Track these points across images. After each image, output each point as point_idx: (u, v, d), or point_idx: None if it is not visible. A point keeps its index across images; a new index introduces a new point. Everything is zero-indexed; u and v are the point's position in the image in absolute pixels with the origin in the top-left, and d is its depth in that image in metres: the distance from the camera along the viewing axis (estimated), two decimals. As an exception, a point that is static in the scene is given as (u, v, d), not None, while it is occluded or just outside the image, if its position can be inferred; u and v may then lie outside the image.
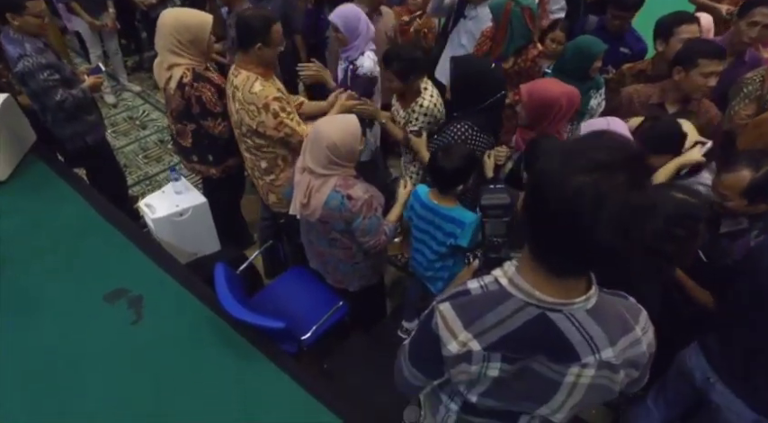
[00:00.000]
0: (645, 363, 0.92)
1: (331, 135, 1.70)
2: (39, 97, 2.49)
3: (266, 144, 2.14)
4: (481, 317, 0.86)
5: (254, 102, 2.00)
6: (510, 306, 0.85)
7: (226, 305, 1.84)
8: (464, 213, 1.83)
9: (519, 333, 0.85)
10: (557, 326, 0.84)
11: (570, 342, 0.85)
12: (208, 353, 1.92)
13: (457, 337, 0.88)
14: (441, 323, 0.90)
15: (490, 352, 0.87)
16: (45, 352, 1.89)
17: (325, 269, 2.10)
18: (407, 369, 1.05)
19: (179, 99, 2.23)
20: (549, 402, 0.96)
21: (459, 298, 0.91)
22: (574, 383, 0.90)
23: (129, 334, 1.97)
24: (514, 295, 0.85)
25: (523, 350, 0.87)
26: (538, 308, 0.84)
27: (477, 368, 0.90)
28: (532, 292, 0.83)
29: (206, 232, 2.62)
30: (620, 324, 0.88)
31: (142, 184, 3.60)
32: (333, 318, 2.15)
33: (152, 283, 2.18)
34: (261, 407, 1.76)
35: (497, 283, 0.88)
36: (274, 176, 2.25)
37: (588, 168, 0.70)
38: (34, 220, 2.45)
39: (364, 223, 1.79)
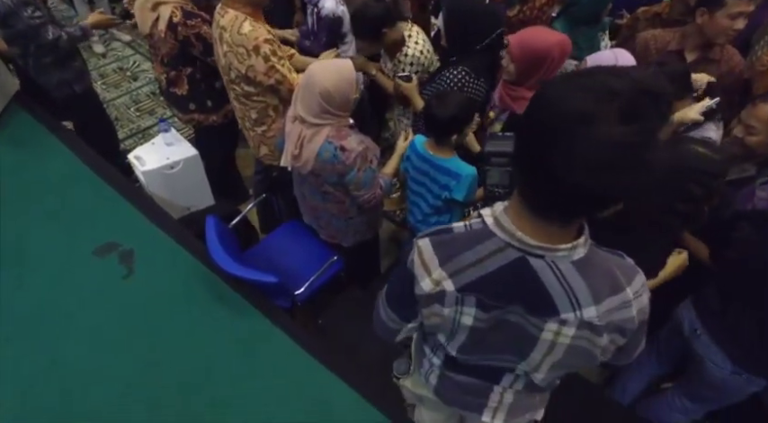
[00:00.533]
0: (634, 330, 0.85)
1: (324, 81, 1.59)
2: (27, 38, 2.32)
3: (256, 92, 2.01)
4: (458, 255, 0.82)
5: (243, 43, 1.86)
6: (490, 246, 0.81)
7: (216, 258, 1.79)
8: (460, 165, 1.75)
9: (496, 276, 0.80)
10: (536, 273, 0.79)
11: (549, 293, 0.79)
12: (201, 308, 1.90)
13: (431, 275, 0.84)
14: (417, 259, 0.86)
15: (464, 294, 0.83)
16: (35, 305, 1.87)
17: (319, 224, 2.04)
18: (384, 310, 1.03)
19: (172, 41, 2.10)
20: (527, 359, 0.92)
21: (441, 235, 0.86)
22: (552, 342, 0.86)
23: (121, 288, 1.94)
24: (496, 235, 0.80)
25: (499, 297, 0.83)
26: (519, 250, 0.79)
27: (450, 311, 0.86)
28: (514, 232, 0.78)
29: (198, 186, 2.56)
30: (608, 282, 0.81)
31: (135, 138, 3.51)
32: (327, 273, 2.11)
33: (143, 238, 2.13)
34: (254, 361, 1.75)
35: (482, 222, 0.83)
36: (266, 127, 2.14)
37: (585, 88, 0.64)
38: (20, 174, 2.39)
39: (358, 176, 1.71)
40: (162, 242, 2.12)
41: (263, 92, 2.02)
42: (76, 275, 1.97)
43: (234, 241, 2.11)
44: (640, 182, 0.65)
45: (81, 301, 1.89)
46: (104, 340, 1.77)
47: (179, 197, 2.52)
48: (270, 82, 1.94)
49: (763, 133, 1.56)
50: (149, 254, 2.07)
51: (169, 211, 2.38)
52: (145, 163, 2.38)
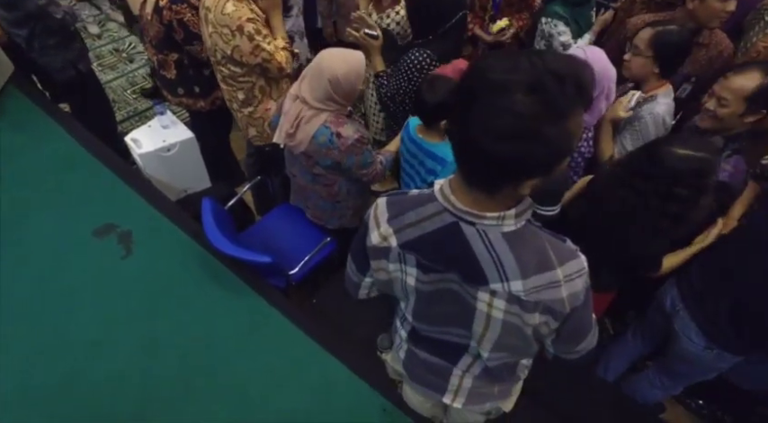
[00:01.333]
0: (565, 314, 0.88)
1: (335, 68, 1.61)
2: (36, 19, 2.32)
3: (242, 72, 2.02)
4: (404, 213, 0.90)
5: (226, 24, 1.86)
6: (430, 208, 0.87)
7: (211, 239, 1.84)
8: (447, 151, 1.78)
9: (432, 237, 0.87)
10: (467, 239, 0.84)
11: (478, 261, 0.85)
12: (198, 287, 1.94)
13: (379, 228, 0.92)
14: (372, 213, 0.94)
15: (405, 252, 0.91)
16: (36, 283, 1.92)
17: (306, 204, 2.08)
18: (348, 263, 1.11)
19: (158, 25, 2.10)
20: (471, 332, 0.98)
21: (398, 195, 0.94)
22: (488, 314, 0.91)
23: (120, 268, 1.99)
24: (438, 199, 0.86)
25: (436, 260, 0.89)
26: (453, 216, 0.84)
27: (394, 268, 0.94)
28: (449, 196, 0.84)
29: (195, 168, 2.59)
30: (537, 258, 0.84)
31: (132, 120, 3.52)
32: (321, 253, 2.16)
33: (141, 219, 2.17)
34: (250, 339, 1.81)
35: (431, 189, 0.90)
36: (252, 108, 2.15)
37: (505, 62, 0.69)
38: (18, 156, 2.40)
39: (358, 160, 1.75)
40: (159, 224, 2.16)
41: (250, 72, 2.02)
42: (76, 255, 2.02)
43: (230, 223, 2.15)
44: (538, 153, 0.69)
45: (81, 280, 1.94)
46: (104, 318, 1.83)
47: (176, 179, 2.56)
48: (257, 61, 1.94)
49: (734, 105, 1.58)
50: (147, 235, 2.11)
51: (166, 193, 2.42)
52: (141, 145, 2.40)
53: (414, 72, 1.93)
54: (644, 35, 1.68)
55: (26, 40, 2.43)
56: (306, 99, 1.68)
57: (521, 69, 0.67)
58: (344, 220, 2.08)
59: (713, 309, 1.62)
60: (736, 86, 1.56)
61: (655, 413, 2.17)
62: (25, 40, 2.43)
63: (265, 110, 2.16)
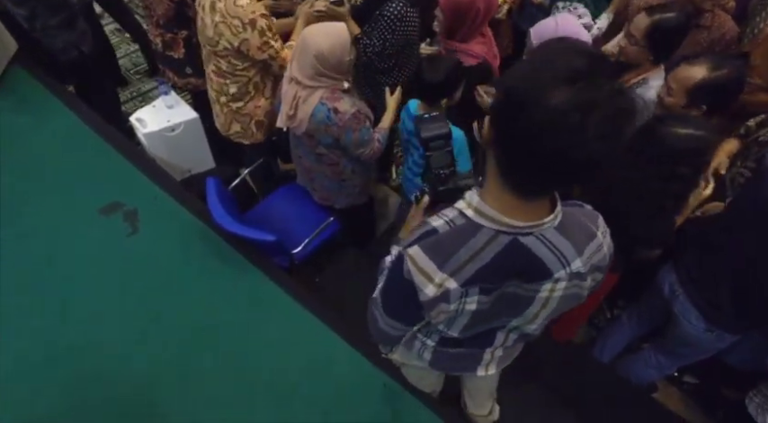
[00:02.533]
0: (607, 264, 0.94)
1: (319, 44, 1.62)
2: (30, 1, 2.30)
3: (243, 66, 2.01)
4: (454, 254, 0.83)
5: (239, 16, 1.84)
6: (481, 238, 0.83)
7: (216, 217, 1.87)
8: None
9: (493, 263, 0.83)
10: (529, 249, 0.83)
11: (543, 261, 0.85)
12: (202, 265, 1.98)
13: (433, 280, 0.85)
14: (413, 268, 0.85)
15: (468, 287, 0.85)
16: (45, 257, 1.96)
17: (312, 186, 2.10)
18: (383, 321, 1.01)
19: (167, 2, 2.09)
20: (522, 315, 0.98)
21: (427, 239, 0.86)
22: (547, 297, 0.93)
23: (126, 245, 2.03)
24: (484, 226, 0.82)
25: (498, 279, 0.87)
26: (508, 234, 0.82)
27: (455, 305, 0.89)
28: (501, 218, 0.80)
29: (199, 148, 2.61)
30: (584, 233, 0.89)
31: (135, 101, 3.52)
32: (324, 233, 2.19)
33: (146, 198, 2.20)
34: (253, 315, 1.85)
35: (463, 216, 0.85)
36: (242, 104, 2.14)
37: (568, 79, 0.65)
38: (24, 136, 2.43)
39: (356, 136, 1.76)
40: (164, 202, 2.19)
41: (250, 67, 2.01)
42: (83, 232, 2.05)
43: (233, 203, 2.18)
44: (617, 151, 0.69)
45: (88, 256, 1.98)
46: (111, 293, 1.87)
47: (180, 159, 2.58)
48: (263, 56, 1.94)
49: (678, 95, 1.57)
50: (152, 214, 2.14)
51: (171, 173, 2.44)
52: (146, 125, 2.42)
53: (395, 22, 1.96)
54: (640, 24, 1.64)
55: (27, 19, 2.41)
56: (298, 79, 1.69)
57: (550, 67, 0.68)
58: (352, 198, 2.10)
59: (713, 292, 1.63)
60: (682, 77, 1.54)
61: (648, 393, 2.22)
62: (26, 19, 2.42)
63: (255, 107, 2.15)
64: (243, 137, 2.26)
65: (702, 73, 1.51)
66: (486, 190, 0.83)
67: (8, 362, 1.67)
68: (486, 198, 0.82)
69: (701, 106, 1.57)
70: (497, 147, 0.77)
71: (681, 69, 1.57)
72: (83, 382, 1.64)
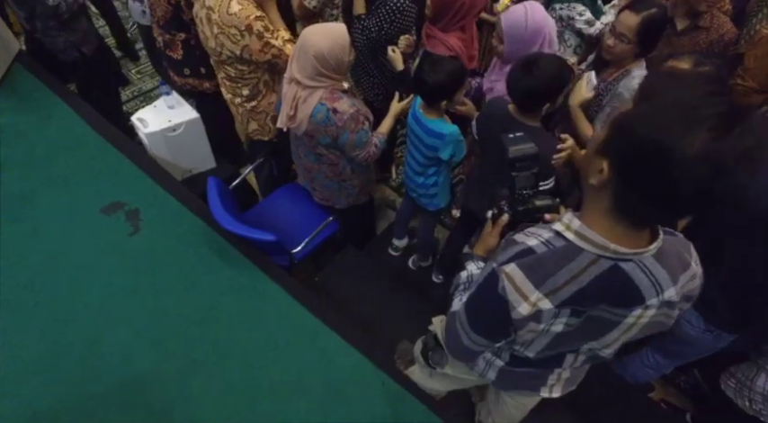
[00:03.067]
0: (697, 295, 0.95)
1: (319, 44, 1.63)
2: (29, 3, 2.33)
3: (249, 70, 2.02)
4: (553, 275, 0.84)
5: (234, 24, 1.84)
6: (582, 261, 0.83)
7: (217, 216, 1.89)
8: (443, 125, 1.83)
9: (591, 287, 0.83)
10: (628, 275, 0.83)
11: (639, 288, 0.84)
12: (203, 264, 2.00)
13: (528, 299, 0.85)
14: (509, 286, 0.86)
15: (561, 308, 0.86)
16: (48, 256, 1.97)
17: (312, 186, 2.12)
18: (467, 337, 1.01)
19: (165, 5, 2.11)
20: (601, 339, 0.97)
21: (525, 258, 0.86)
22: (633, 323, 0.91)
23: (128, 245, 2.05)
24: (585, 249, 0.83)
25: (592, 302, 0.86)
26: (611, 259, 0.82)
27: (545, 325, 0.89)
28: (607, 245, 0.80)
29: (200, 148, 2.62)
30: (679, 262, 0.89)
31: (136, 101, 3.55)
32: (324, 233, 2.20)
33: (148, 198, 2.22)
34: (253, 315, 1.87)
35: (562, 238, 0.86)
36: (255, 103, 2.16)
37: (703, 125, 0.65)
38: (26, 135, 2.45)
39: (352, 138, 1.77)
40: (166, 202, 2.21)
41: (257, 69, 2.02)
42: (85, 232, 2.07)
43: (234, 202, 2.20)
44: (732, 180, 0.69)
45: (90, 255, 1.99)
46: (114, 291, 1.89)
47: (181, 159, 2.59)
48: (267, 58, 1.94)
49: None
50: (154, 213, 2.16)
51: (172, 172, 2.46)
52: (148, 125, 2.43)
53: (396, 14, 2.05)
54: (630, 23, 1.67)
55: (27, 20, 2.44)
56: (298, 79, 1.71)
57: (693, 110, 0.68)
58: (351, 198, 2.12)
59: (709, 293, 1.64)
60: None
61: (644, 392, 2.24)
62: (26, 20, 2.45)
63: (269, 103, 2.17)
64: (261, 134, 2.28)
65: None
66: (589, 215, 0.84)
67: (11, 359, 1.69)
68: (590, 223, 0.83)
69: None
70: (619, 188, 0.77)
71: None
72: (85, 380, 1.66)
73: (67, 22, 2.46)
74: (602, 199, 0.81)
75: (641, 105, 0.74)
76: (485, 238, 1.17)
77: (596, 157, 0.79)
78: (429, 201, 2.11)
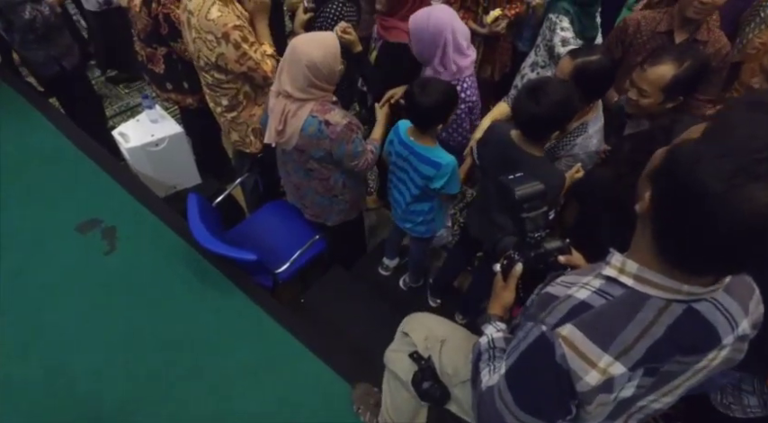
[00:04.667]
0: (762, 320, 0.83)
1: (311, 54, 1.56)
2: (3, 14, 2.27)
3: (227, 79, 1.95)
4: (620, 332, 0.70)
5: (211, 30, 1.77)
6: (651, 310, 0.70)
7: (196, 235, 1.79)
8: (441, 154, 1.72)
9: (666, 338, 0.70)
10: (705, 317, 0.72)
11: (716, 328, 0.73)
12: (182, 285, 1.90)
13: (596, 365, 0.71)
14: (570, 353, 0.71)
15: (635, 370, 0.72)
16: (15, 277, 1.87)
17: (303, 203, 2.03)
18: (513, 417, 0.80)
19: (146, 18, 2.05)
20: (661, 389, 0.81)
21: (581, 315, 0.72)
22: (703, 367, 0.79)
23: (102, 264, 1.95)
24: (653, 295, 0.71)
25: (667, 355, 0.73)
26: (683, 302, 0.71)
27: (615, 394, 0.74)
28: (680, 287, 0.69)
29: (184, 164, 2.54)
30: (745, 288, 0.78)
31: (123, 116, 3.47)
32: (310, 252, 2.11)
33: (126, 215, 2.13)
34: (233, 338, 1.77)
35: (619, 285, 0.73)
36: (236, 114, 2.09)
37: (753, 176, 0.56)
38: (3, 149, 2.37)
39: (349, 148, 1.69)
40: (145, 219, 2.12)
41: (235, 79, 1.95)
42: (58, 250, 1.97)
43: (217, 219, 2.11)
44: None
45: (62, 275, 1.89)
46: (85, 314, 1.78)
47: (164, 175, 2.51)
48: (242, 69, 1.87)
49: (654, 95, 1.59)
50: (132, 231, 2.07)
51: (154, 189, 2.37)
52: (129, 140, 2.35)
53: (337, 20, 2.04)
54: (565, 68, 1.64)
55: (5, 31, 2.38)
56: (288, 91, 1.63)
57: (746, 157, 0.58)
58: (343, 214, 2.02)
59: None
60: (654, 79, 1.58)
61: None
62: (4, 31, 2.38)
63: (250, 115, 2.09)
64: (242, 145, 2.21)
65: (672, 70, 1.55)
66: (641, 254, 0.72)
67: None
68: (644, 262, 0.72)
69: (677, 98, 1.62)
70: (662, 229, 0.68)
71: (649, 72, 1.59)
72: (47, 411, 1.55)
73: (46, 35, 2.40)
74: (646, 232, 0.71)
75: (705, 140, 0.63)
76: (499, 294, 1.04)
77: (645, 182, 0.70)
78: (426, 228, 2.01)
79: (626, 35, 2.11)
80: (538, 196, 0.99)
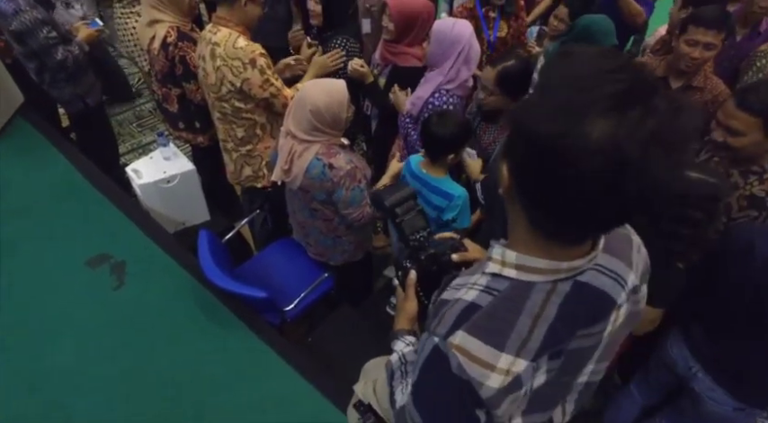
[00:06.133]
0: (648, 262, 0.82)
1: (315, 99, 1.62)
2: (38, 57, 2.39)
3: (246, 108, 2.03)
4: (513, 326, 0.67)
5: (239, 57, 1.89)
6: (538, 296, 0.68)
7: (206, 271, 1.80)
8: (453, 186, 1.77)
9: (559, 317, 0.68)
10: (592, 285, 0.70)
11: (606, 292, 0.72)
12: (189, 321, 1.89)
13: (496, 367, 0.67)
14: (465, 361, 0.66)
15: (538, 359, 0.69)
16: (22, 313, 1.87)
17: (307, 241, 2.05)
18: None
19: (163, 60, 2.15)
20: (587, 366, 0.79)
21: (471, 319, 0.68)
22: (611, 331, 0.76)
23: (110, 299, 1.95)
24: (537, 281, 0.68)
25: (567, 334, 0.70)
26: (567, 280, 0.69)
27: (526, 388, 0.70)
28: (559, 266, 0.67)
29: (194, 201, 2.57)
30: (623, 241, 0.77)
31: (135, 153, 3.55)
32: (318, 290, 2.10)
33: (136, 250, 2.15)
34: (240, 376, 1.74)
35: (504, 279, 0.70)
36: (251, 146, 2.15)
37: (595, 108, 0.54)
38: (17, 183, 2.42)
39: (346, 195, 1.72)
40: (154, 255, 2.13)
41: (254, 108, 2.04)
42: (66, 285, 1.98)
43: (226, 256, 2.12)
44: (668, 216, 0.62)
45: (68, 310, 1.89)
46: (90, 350, 1.77)
47: (175, 211, 2.54)
48: (265, 95, 1.97)
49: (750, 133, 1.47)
50: (141, 266, 2.08)
51: (164, 225, 2.40)
52: (142, 176, 2.40)
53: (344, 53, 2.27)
54: (488, 76, 1.83)
55: (36, 72, 2.49)
56: (294, 133, 1.69)
57: None
58: (347, 255, 2.04)
59: (737, 369, 1.51)
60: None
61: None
62: (35, 72, 2.49)
63: (265, 148, 2.16)
64: (255, 180, 2.25)
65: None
66: (519, 241, 0.70)
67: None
68: (521, 249, 0.69)
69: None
70: (526, 199, 0.65)
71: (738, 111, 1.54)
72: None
73: (75, 74, 2.51)
74: (517, 213, 0.68)
75: (532, 95, 0.62)
76: (401, 307, 0.99)
77: (502, 160, 0.67)
78: None
79: None
80: (409, 198, 0.99)
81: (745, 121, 1.48)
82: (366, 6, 2.82)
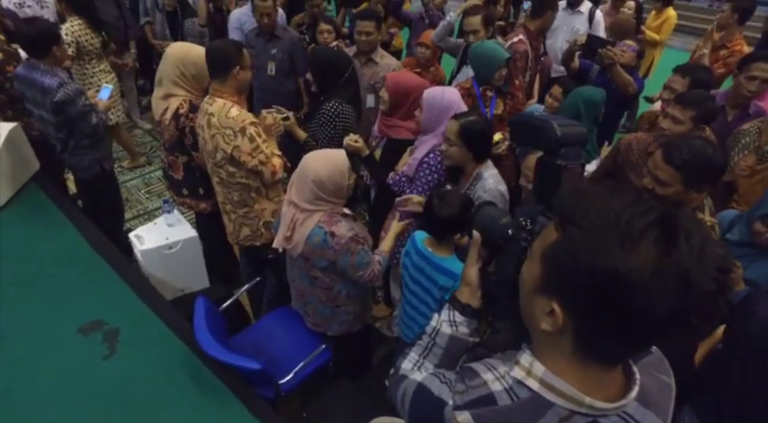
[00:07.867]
0: None
1: (318, 170, 1.67)
2: (75, 123, 2.55)
3: (240, 174, 2.09)
4: None
5: (230, 126, 1.98)
6: (551, 419, 0.67)
7: (200, 340, 1.75)
8: (458, 265, 1.70)
9: None
10: None
11: None
12: (179, 393, 1.81)
13: None
14: None
15: None
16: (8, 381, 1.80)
17: (305, 310, 2.01)
18: None
19: (173, 130, 2.25)
20: None
21: (482, 408, 0.70)
22: None
23: (99, 370, 1.88)
24: (555, 403, 0.67)
25: None
26: (586, 416, 0.67)
27: None
28: (582, 398, 0.66)
29: (195, 268, 2.57)
30: (663, 394, 0.74)
31: (140, 219, 3.59)
32: (314, 363, 2.03)
33: (131, 317, 2.11)
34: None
35: (525, 388, 0.70)
36: (248, 208, 2.19)
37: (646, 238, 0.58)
38: (22, 248, 2.43)
39: (353, 260, 1.72)
40: (149, 322, 2.09)
41: (248, 173, 2.10)
42: (56, 353, 1.92)
43: (222, 324, 2.07)
44: None
45: (56, 380, 1.82)
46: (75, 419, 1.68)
47: (175, 278, 2.53)
48: (253, 162, 2.03)
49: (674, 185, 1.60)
50: (134, 334, 2.03)
51: (164, 291, 2.37)
52: (144, 242, 2.41)
53: (334, 118, 2.36)
54: (452, 128, 1.92)
55: (63, 141, 2.62)
56: (297, 203, 1.72)
57: None
58: (345, 325, 1.99)
59: None
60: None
61: None
62: (62, 141, 2.62)
63: (261, 209, 2.21)
64: (253, 239, 2.27)
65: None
66: (552, 359, 0.69)
67: None
68: (553, 368, 0.68)
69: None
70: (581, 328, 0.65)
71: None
72: None
73: (98, 140, 2.67)
74: (561, 344, 0.68)
75: (569, 231, 0.62)
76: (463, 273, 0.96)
77: (538, 298, 0.67)
78: None
79: (618, 153, 2.28)
80: None
81: (669, 173, 1.60)
82: (371, 83, 3.00)
